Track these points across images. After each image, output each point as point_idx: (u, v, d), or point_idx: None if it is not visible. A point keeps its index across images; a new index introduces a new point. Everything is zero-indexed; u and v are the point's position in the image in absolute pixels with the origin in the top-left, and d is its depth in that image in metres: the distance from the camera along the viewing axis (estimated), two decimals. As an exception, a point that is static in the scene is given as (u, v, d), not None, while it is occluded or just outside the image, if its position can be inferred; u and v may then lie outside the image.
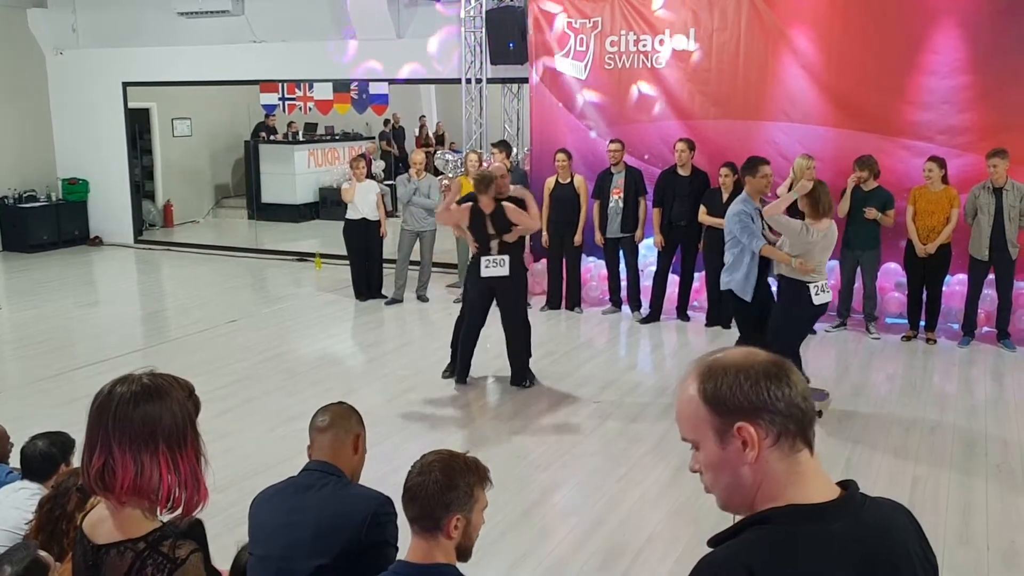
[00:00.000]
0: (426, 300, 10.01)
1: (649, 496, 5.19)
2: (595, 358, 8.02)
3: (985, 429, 6.19)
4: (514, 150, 10.40)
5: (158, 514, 1.88)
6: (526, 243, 7.67)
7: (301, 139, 16.73)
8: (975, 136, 8.25)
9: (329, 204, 15.82)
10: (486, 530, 2.66)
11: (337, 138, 17.49)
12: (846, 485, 1.51)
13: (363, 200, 9.86)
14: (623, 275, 9.39)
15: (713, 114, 9.21)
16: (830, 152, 8.61)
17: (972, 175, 8.09)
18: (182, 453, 1.84)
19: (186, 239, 14.25)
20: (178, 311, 10.12)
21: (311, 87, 12.27)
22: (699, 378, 1.49)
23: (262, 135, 16.53)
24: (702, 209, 8.56)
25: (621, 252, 9.26)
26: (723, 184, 8.47)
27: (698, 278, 9.08)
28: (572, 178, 9.31)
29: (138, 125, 14.53)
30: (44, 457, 3.60)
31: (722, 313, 8.54)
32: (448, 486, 2.39)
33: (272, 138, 16.60)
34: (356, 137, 17.76)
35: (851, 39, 8.56)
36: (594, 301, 9.67)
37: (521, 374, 7.10)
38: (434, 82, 13.36)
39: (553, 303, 9.56)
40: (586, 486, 5.38)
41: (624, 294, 9.43)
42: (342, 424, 2.97)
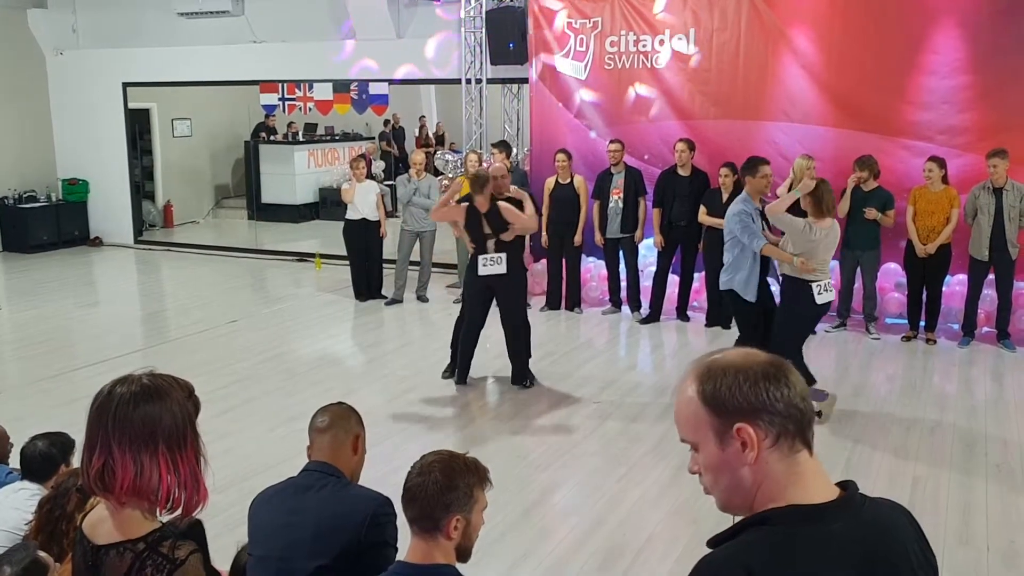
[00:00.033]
0: (426, 300, 10.01)
1: (649, 496, 5.19)
2: (595, 358, 8.02)
3: (985, 429, 6.20)
4: (514, 150, 10.40)
5: (158, 515, 1.88)
6: (526, 243, 7.67)
7: (301, 139, 16.72)
8: (975, 136, 8.25)
9: (329, 204, 15.81)
10: (486, 530, 2.66)
11: (337, 138, 17.48)
12: (845, 485, 1.50)
13: (363, 200, 9.86)
14: (623, 275, 9.39)
15: (713, 114, 9.21)
16: (830, 152, 8.61)
17: (972, 175, 8.09)
18: (182, 454, 1.84)
19: (186, 239, 14.25)
20: (178, 311, 10.12)
21: (311, 87, 12.27)
22: (698, 379, 1.49)
23: (262, 135, 16.53)
24: (702, 209, 8.56)
25: (621, 252, 9.26)
26: (723, 184, 8.47)
27: (698, 278, 9.08)
28: (572, 178, 9.31)
29: (138, 125, 14.53)
30: (44, 457, 3.60)
31: (722, 313, 8.54)
32: (448, 487, 2.39)
33: (272, 138, 16.59)
34: (356, 137, 17.75)
35: (851, 39, 8.56)
36: (594, 301, 9.67)
37: (522, 373, 7.11)
38: (434, 82, 13.35)
39: (553, 303, 9.56)
40: (586, 486, 5.38)
41: (624, 294, 9.43)
42: (342, 425, 2.97)
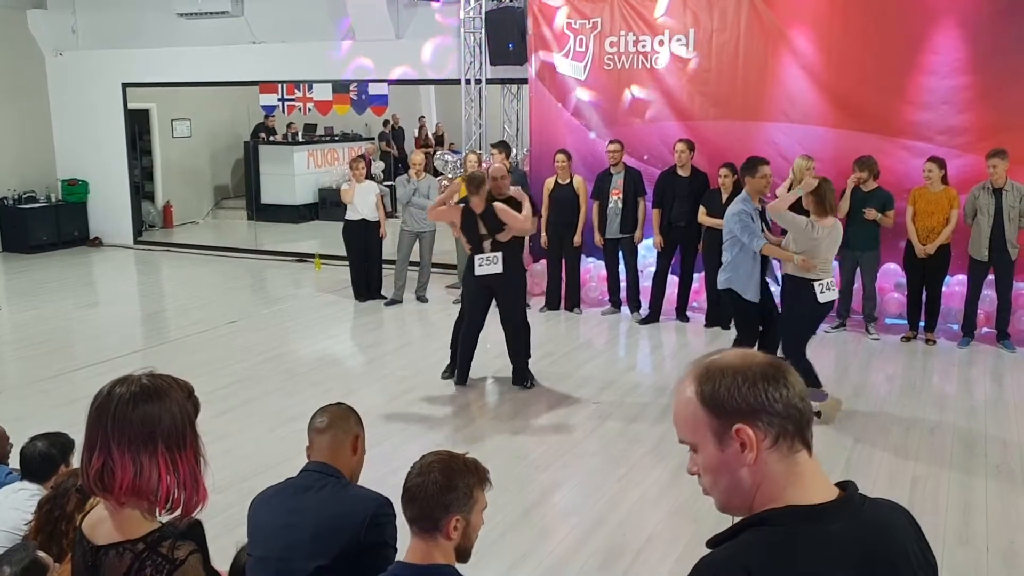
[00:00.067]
0: (425, 301, 10.01)
1: (649, 496, 5.19)
2: (594, 359, 8.02)
3: (985, 429, 6.20)
4: (513, 151, 10.40)
5: (157, 515, 1.88)
6: (525, 243, 7.67)
7: (300, 140, 16.72)
8: (975, 136, 8.25)
9: (328, 205, 15.81)
10: (486, 531, 2.66)
11: (336, 139, 17.47)
12: (845, 486, 1.50)
13: (362, 201, 9.85)
14: (622, 276, 9.39)
15: (713, 115, 9.21)
16: (830, 152, 8.61)
17: (972, 175, 8.09)
18: (181, 454, 1.84)
19: (186, 240, 14.25)
20: (178, 312, 10.12)
21: (310, 88, 12.28)
22: (697, 380, 1.49)
23: (261, 136, 16.53)
24: (701, 210, 8.56)
25: (620, 253, 9.25)
26: (723, 185, 8.47)
27: (697, 279, 9.08)
28: (571, 179, 9.31)
29: (138, 126, 14.53)
30: (44, 458, 3.60)
31: (721, 314, 8.54)
32: (447, 487, 2.39)
33: (272, 139, 16.59)
34: (355, 138, 17.74)
35: (851, 39, 8.56)
36: (593, 302, 9.67)
37: (523, 374, 7.11)
38: (433, 83, 13.35)
39: (552, 304, 9.56)
40: (586, 486, 5.38)
41: (623, 295, 9.43)
42: (341, 425, 2.96)
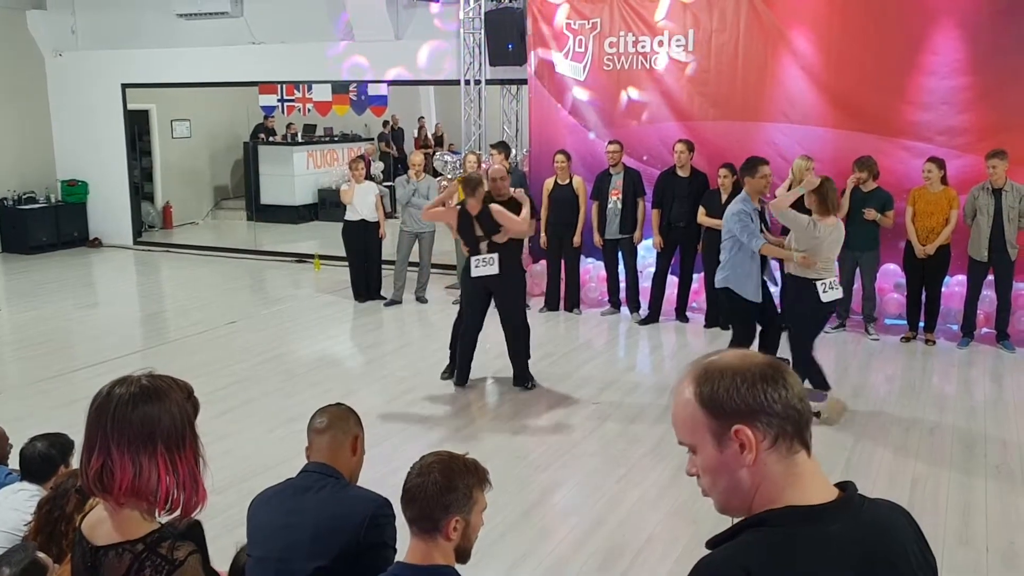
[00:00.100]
0: (425, 301, 10.01)
1: (648, 497, 5.19)
2: (594, 359, 8.02)
3: (984, 430, 6.20)
4: (513, 151, 10.40)
5: (157, 515, 1.88)
6: (524, 244, 7.66)
7: (300, 140, 16.72)
8: (974, 137, 8.25)
9: (328, 205, 15.80)
10: (485, 531, 2.66)
11: (336, 139, 17.47)
12: (844, 486, 1.50)
13: (362, 201, 9.85)
14: (622, 276, 9.39)
15: (712, 115, 9.21)
16: (829, 153, 8.61)
17: (971, 176, 8.09)
18: (180, 454, 1.84)
19: (185, 240, 14.25)
20: (177, 312, 10.11)
21: (310, 88, 12.28)
22: (695, 381, 1.48)
23: (261, 136, 16.52)
24: (701, 210, 8.56)
25: (620, 253, 9.25)
26: (722, 185, 8.47)
27: (697, 279, 9.07)
28: (571, 179, 9.31)
29: (137, 127, 14.52)
30: (43, 458, 3.60)
31: (720, 314, 8.54)
32: (447, 487, 2.39)
33: (271, 139, 16.59)
34: (355, 138, 17.74)
35: (850, 40, 8.56)
36: (593, 302, 9.67)
37: (523, 375, 7.10)
38: (433, 83, 13.35)
39: (552, 304, 9.55)
40: (585, 487, 5.38)
41: (623, 295, 9.42)
42: (340, 425, 2.96)
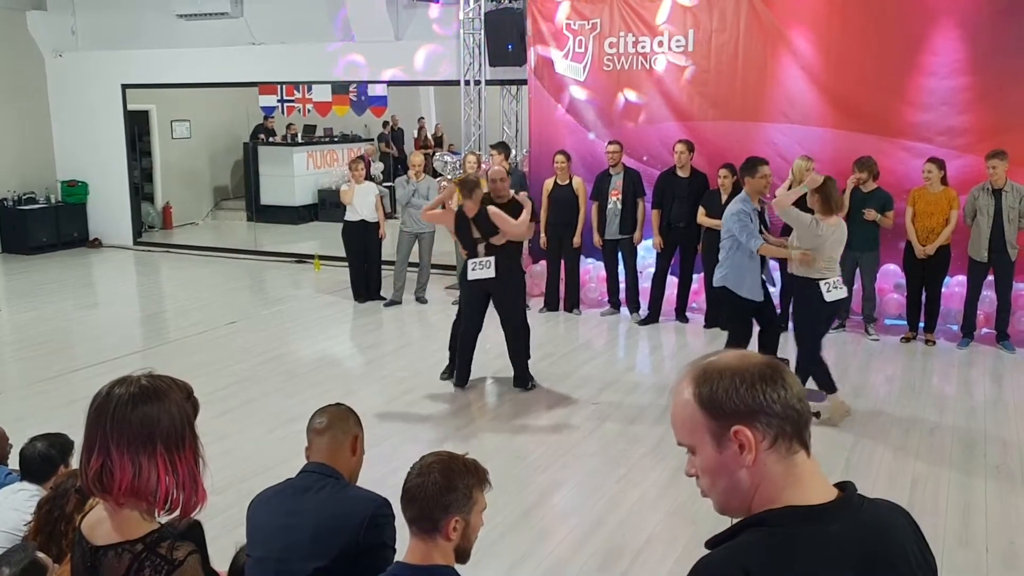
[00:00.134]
0: (425, 302, 10.01)
1: (648, 497, 5.19)
2: (594, 359, 8.02)
3: (984, 430, 6.20)
4: (513, 152, 10.40)
5: (156, 516, 1.88)
6: (523, 246, 7.65)
7: (300, 141, 16.72)
8: (974, 137, 8.25)
9: (328, 206, 15.80)
10: (485, 531, 2.66)
11: (336, 140, 17.48)
12: (844, 487, 1.50)
13: (362, 202, 9.85)
14: (622, 277, 9.39)
15: (712, 115, 9.21)
16: (829, 153, 8.61)
17: (971, 176, 8.08)
18: (180, 455, 1.84)
19: (185, 241, 14.25)
20: (177, 313, 10.11)
21: (310, 89, 12.28)
22: (694, 382, 1.48)
23: (261, 137, 16.52)
24: (701, 210, 8.57)
25: (620, 253, 9.25)
26: (722, 185, 8.47)
27: (697, 280, 9.07)
28: (571, 180, 9.31)
29: (137, 127, 14.53)
30: (43, 458, 3.60)
31: (720, 314, 8.53)
32: (447, 488, 2.39)
33: (271, 140, 16.59)
34: (355, 139, 17.74)
35: (850, 40, 8.56)
36: (593, 303, 9.67)
37: (524, 376, 7.10)
38: (433, 84, 13.35)
39: (551, 305, 9.55)
40: (585, 487, 5.38)
41: (623, 296, 9.42)
42: (340, 425, 2.96)
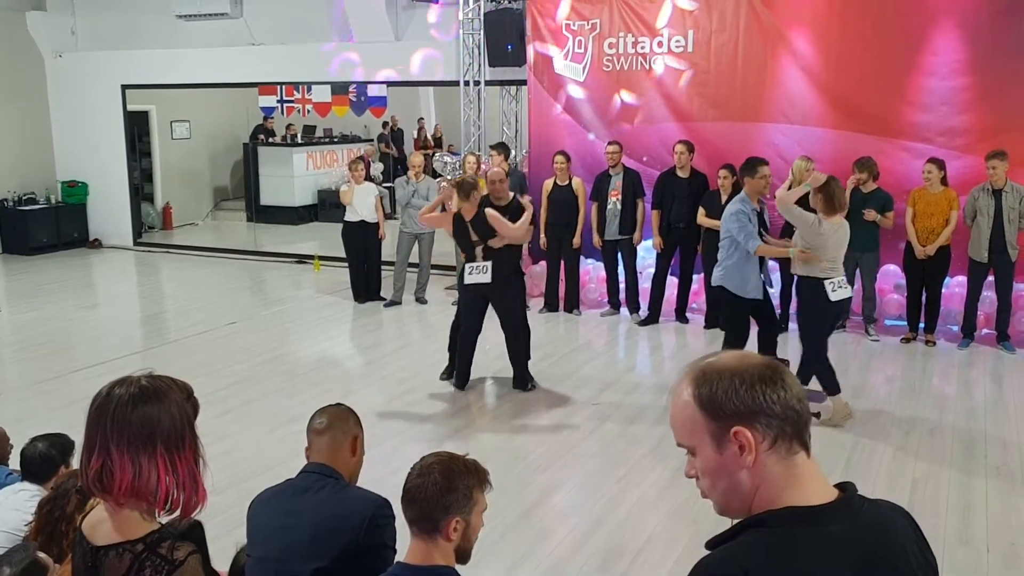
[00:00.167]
0: (424, 302, 10.01)
1: (648, 497, 5.19)
2: (594, 360, 8.02)
3: (985, 431, 6.20)
4: (512, 152, 10.40)
5: (157, 516, 1.88)
6: (523, 248, 7.64)
7: (300, 141, 16.72)
8: (974, 138, 8.24)
9: (328, 206, 15.80)
10: (485, 532, 2.66)
11: (336, 140, 17.47)
12: (844, 487, 1.50)
13: (362, 202, 9.85)
14: (621, 277, 9.39)
15: (712, 116, 9.21)
16: (829, 154, 8.60)
17: (971, 177, 8.08)
18: (180, 455, 1.84)
19: (185, 241, 14.25)
20: (177, 313, 10.11)
21: (309, 90, 12.28)
22: (693, 383, 1.48)
23: (261, 137, 16.52)
24: (701, 211, 8.57)
25: (619, 254, 9.25)
26: (722, 186, 8.47)
27: (697, 280, 9.07)
28: (570, 180, 9.30)
29: (137, 128, 14.53)
30: (44, 459, 3.60)
31: (719, 314, 8.53)
32: (447, 488, 2.39)
33: (271, 140, 16.59)
34: (355, 139, 17.74)
35: (850, 40, 8.56)
36: (592, 303, 9.66)
37: (523, 377, 7.09)
38: (432, 84, 13.35)
39: (551, 305, 9.55)
40: (585, 487, 5.38)
41: (623, 296, 9.42)
42: (340, 426, 2.96)
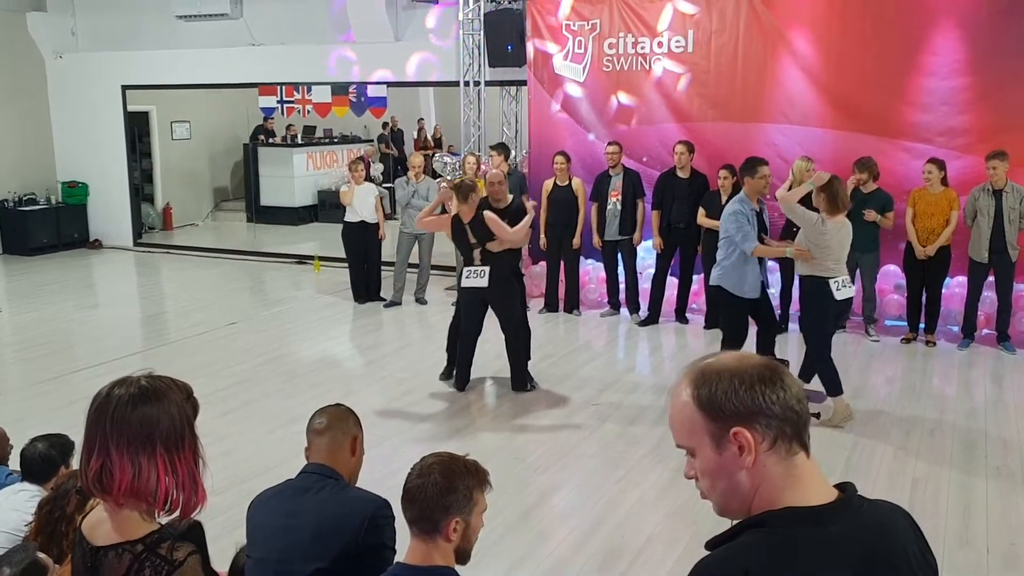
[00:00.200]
0: (424, 303, 10.01)
1: (648, 498, 5.19)
2: (593, 360, 8.02)
3: (985, 431, 6.20)
4: (512, 153, 10.40)
5: (156, 516, 1.88)
6: (522, 250, 7.64)
7: (300, 142, 16.72)
8: (974, 138, 8.24)
9: (328, 207, 15.80)
10: (485, 532, 2.66)
11: (336, 141, 17.48)
12: (844, 487, 1.50)
13: (362, 203, 9.85)
14: (621, 277, 9.39)
15: (712, 116, 9.21)
16: (829, 154, 8.60)
17: (972, 177, 8.08)
18: (180, 455, 1.84)
19: (185, 242, 14.25)
20: (178, 314, 10.11)
21: (309, 90, 12.28)
22: (693, 383, 1.48)
23: (261, 138, 16.52)
24: (701, 211, 8.57)
25: (619, 254, 9.25)
26: (722, 186, 8.47)
27: (697, 280, 9.06)
28: (570, 180, 9.30)
29: (137, 128, 14.53)
30: (44, 459, 3.60)
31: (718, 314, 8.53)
32: (447, 488, 2.39)
33: (271, 141, 16.59)
34: (355, 140, 17.74)
35: (850, 41, 8.56)
36: (592, 304, 9.66)
37: (521, 378, 7.08)
38: (432, 85, 13.36)
39: (551, 306, 9.55)
40: (585, 488, 5.38)
41: (622, 296, 9.42)
42: (339, 426, 2.96)
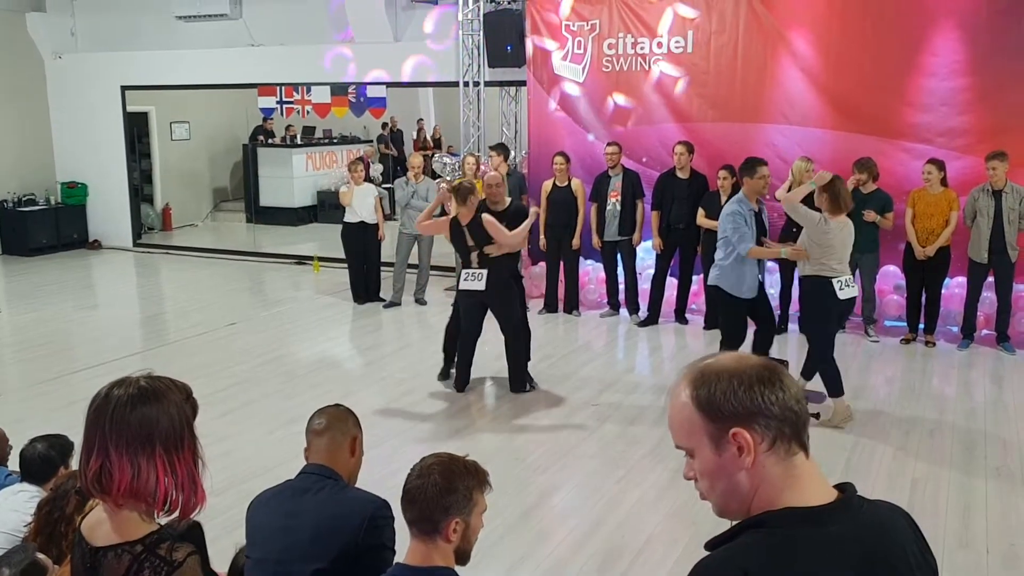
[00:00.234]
0: (424, 303, 10.01)
1: (647, 498, 5.19)
2: (593, 361, 8.02)
3: (984, 431, 6.20)
4: (512, 153, 10.40)
5: (156, 517, 1.88)
6: (521, 251, 7.63)
7: (299, 142, 16.72)
8: (974, 138, 8.24)
9: (327, 207, 15.81)
10: (484, 533, 2.66)
11: (335, 141, 17.48)
12: (843, 488, 1.50)
13: (361, 203, 9.85)
14: (621, 278, 9.39)
15: (711, 117, 9.21)
16: (829, 154, 8.60)
17: (971, 177, 8.08)
18: (179, 456, 1.84)
19: (185, 242, 14.25)
20: (177, 314, 10.11)
21: (309, 90, 12.28)
22: (692, 384, 1.48)
23: (260, 138, 16.52)
24: (700, 212, 8.57)
25: (619, 255, 9.25)
26: (722, 187, 8.47)
27: (696, 281, 9.05)
28: (569, 181, 9.30)
29: (137, 129, 14.53)
30: (43, 460, 3.60)
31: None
32: (447, 489, 2.39)
33: (270, 141, 16.59)
34: (354, 140, 17.75)
35: (850, 41, 8.56)
36: (592, 304, 9.66)
37: (520, 380, 7.07)
38: (432, 85, 13.36)
39: (551, 306, 9.55)
40: (584, 488, 5.38)
41: (622, 297, 9.42)
42: (339, 427, 2.95)
